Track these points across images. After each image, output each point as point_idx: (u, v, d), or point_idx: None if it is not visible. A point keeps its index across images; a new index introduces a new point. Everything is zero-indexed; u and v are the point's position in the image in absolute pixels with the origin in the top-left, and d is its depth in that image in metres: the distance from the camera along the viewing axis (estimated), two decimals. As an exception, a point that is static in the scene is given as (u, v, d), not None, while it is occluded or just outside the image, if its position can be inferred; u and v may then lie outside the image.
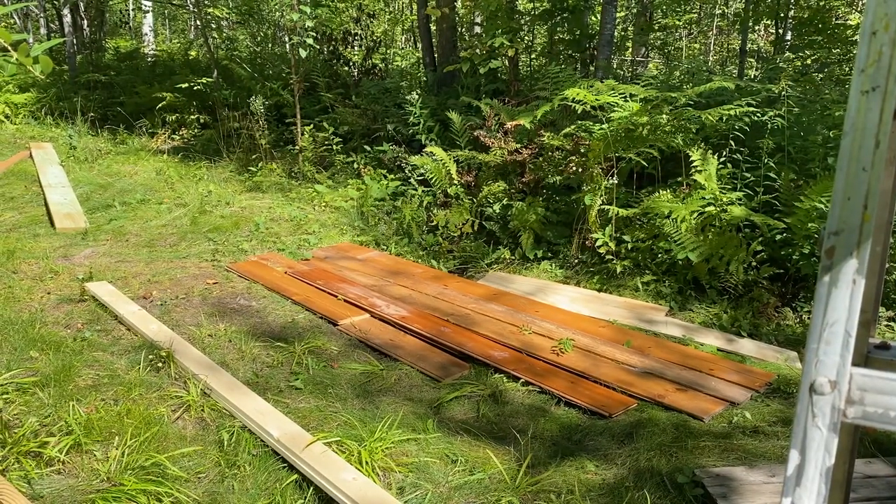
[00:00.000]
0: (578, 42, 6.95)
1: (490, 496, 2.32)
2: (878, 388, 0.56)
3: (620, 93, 4.77)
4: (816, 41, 7.29)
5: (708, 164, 4.33)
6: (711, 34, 11.79)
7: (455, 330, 3.63)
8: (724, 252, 4.01)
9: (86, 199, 6.23)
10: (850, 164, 0.54)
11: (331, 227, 5.61)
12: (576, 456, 2.57)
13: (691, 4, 10.11)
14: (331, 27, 8.02)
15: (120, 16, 17.37)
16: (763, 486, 2.29)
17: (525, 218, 4.86)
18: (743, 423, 2.81)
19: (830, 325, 0.57)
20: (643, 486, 2.36)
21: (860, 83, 0.54)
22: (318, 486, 2.28)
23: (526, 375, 3.15)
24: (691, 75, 6.28)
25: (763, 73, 6.83)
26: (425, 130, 6.27)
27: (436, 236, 5.27)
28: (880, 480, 2.34)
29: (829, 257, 0.56)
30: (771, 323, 3.82)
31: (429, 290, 4.22)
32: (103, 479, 2.33)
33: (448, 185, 5.48)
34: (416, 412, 2.88)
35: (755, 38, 10.70)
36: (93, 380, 3.01)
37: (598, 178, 4.59)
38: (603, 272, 4.45)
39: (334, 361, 3.32)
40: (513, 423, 2.80)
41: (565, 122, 5.13)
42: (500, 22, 6.80)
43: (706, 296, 4.08)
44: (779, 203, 4.21)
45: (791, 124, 4.57)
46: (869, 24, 0.52)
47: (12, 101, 10.18)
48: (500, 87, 6.84)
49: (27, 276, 4.28)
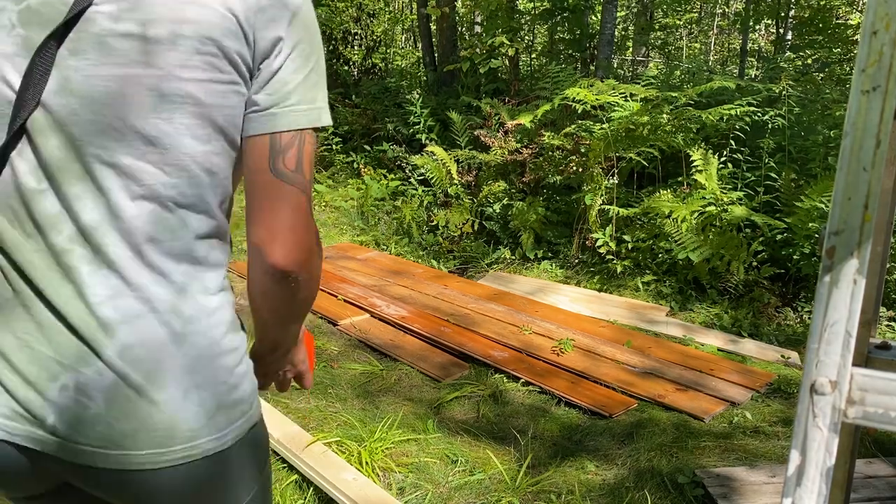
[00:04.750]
0: (579, 41, 6.95)
1: (490, 496, 2.32)
2: (879, 389, 0.56)
3: (621, 92, 4.77)
4: (817, 41, 7.29)
5: (708, 163, 4.33)
6: (712, 34, 11.79)
7: (455, 330, 3.63)
8: (725, 252, 4.01)
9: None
10: (851, 164, 0.54)
11: (331, 227, 5.61)
12: (576, 456, 2.57)
13: (692, 4, 10.11)
14: (330, 26, 8.02)
15: (120, 16, 17.37)
16: (764, 487, 2.29)
17: (525, 218, 4.86)
18: (743, 423, 2.81)
19: (831, 325, 0.56)
20: (643, 487, 2.36)
21: (861, 83, 0.53)
22: (318, 487, 2.28)
23: (526, 375, 3.15)
24: (692, 75, 6.28)
25: (764, 72, 6.83)
26: (425, 130, 6.27)
27: (436, 236, 5.27)
28: (881, 480, 2.33)
29: (829, 257, 0.56)
30: (771, 323, 3.82)
31: (429, 290, 4.22)
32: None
33: (448, 184, 5.48)
34: (417, 412, 2.88)
35: (756, 37, 10.71)
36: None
37: (599, 177, 4.59)
38: (603, 272, 4.45)
39: (334, 361, 3.32)
40: (513, 424, 2.80)
41: (566, 122, 5.13)
42: (500, 21, 6.81)
43: (707, 296, 4.08)
44: (779, 203, 4.21)
45: (792, 124, 4.57)
46: (869, 23, 0.52)
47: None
48: (500, 86, 6.84)
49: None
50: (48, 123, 0.84)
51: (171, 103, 0.84)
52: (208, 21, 0.84)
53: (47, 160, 0.85)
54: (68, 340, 0.85)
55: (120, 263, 0.85)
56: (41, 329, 0.86)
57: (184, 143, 0.85)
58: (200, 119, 0.85)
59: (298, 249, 0.90)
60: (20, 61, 0.84)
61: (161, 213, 0.86)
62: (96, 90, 0.83)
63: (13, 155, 0.86)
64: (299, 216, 0.90)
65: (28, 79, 0.84)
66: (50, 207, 0.85)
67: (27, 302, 0.87)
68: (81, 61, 0.83)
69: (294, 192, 0.89)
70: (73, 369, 0.85)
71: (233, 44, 0.85)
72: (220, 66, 0.85)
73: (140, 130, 0.84)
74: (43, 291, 0.86)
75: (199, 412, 0.88)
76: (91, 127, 0.84)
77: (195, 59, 0.83)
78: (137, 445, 0.86)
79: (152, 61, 0.83)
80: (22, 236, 0.86)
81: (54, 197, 0.85)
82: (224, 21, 0.84)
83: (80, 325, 0.85)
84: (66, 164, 0.85)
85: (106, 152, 0.84)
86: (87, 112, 0.83)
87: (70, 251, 0.85)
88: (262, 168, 0.89)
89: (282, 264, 0.89)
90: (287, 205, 0.89)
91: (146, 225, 0.86)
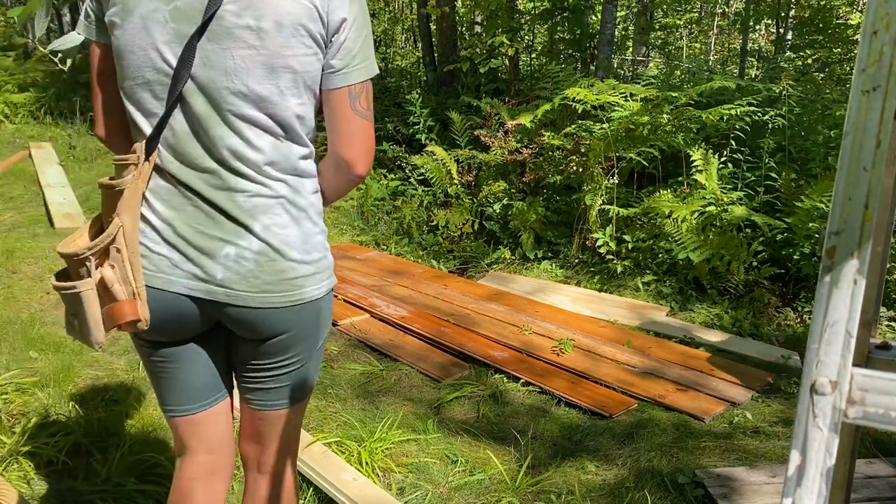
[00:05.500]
0: (579, 41, 6.95)
1: (490, 496, 2.32)
2: (879, 389, 0.56)
3: (621, 92, 4.77)
4: (817, 41, 7.28)
5: (709, 163, 4.33)
6: (712, 34, 11.79)
7: (455, 330, 3.63)
8: (725, 252, 4.01)
9: (85, 199, 6.23)
10: (851, 164, 0.54)
11: (330, 227, 5.61)
12: (576, 456, 2.56)
13: (692, 4, 10.11)
14: (331, 27, 7.99)
15: (120, 16, 17.36)
16: (764, 487, 2.29)
17: (525, 218, 4.86)
18: (744, 423, 2.81)
19: (831, 325, 0.56)
20: (644, 487, 2.36)
21: (861, 83, 0.53)
22: (318, 487, 2.28)
23: (526, 375, 3.15)
24: (692, 75, 6.27)
25: (764, 72, 6.83)
26: (425, 130, 6.26)
27: (436, 236, 5.27)
28: (881, 481, 2.33)
29: (829, 257, 0.56)
30: (772, 323, 3.82)
31: (429, 290, 4.22)
32: (103, 480, 2.33)
33: (448, 184, 5.48)
34: (417, 412, 2.88)
35: (756, 37, 10.70)
36: (92, 380, 3.01)
37: (599, 177, 4.59)
38: (603, 272, 4.45)
39: (334, 361, 3.32)
40: (513, 424, 2.80)
41: (566, 122, 5.13)
42: (500, 21, 6.80)
43: (707, 296, 4.08)
44: (779, 203, 4.21)
45: (792, 124, 4.57)
46: (870, 23, 0.52)
47: (11, 101, 10.18)
48: (500, 86, 6.84)
49: (27, 276, 4.28)
50: (195, 89, 1.26)
51: (277, 73, 1.26)
52: (298, 12, 1.24)
53: (196, 113, 1.27)
54: (228, 224, 1.31)
55: (253, 176, 1.30)
56: (209, 218, 1.31)
57: (286, 100, 1.29)
58: (295, 82, 1.28)
59: (370, 163, 1.40)
60: (175, 47, 1.24)
61: (276, 143, 1.31)
62: (227, 65, 1.25)
63: (175, 112, 1.28)
64: (371, 141, 1.40)
65: (182, 60, 1.24)
66: (200, 145, 1.29)
67: (196, 204, 1.31)
68: (216, 45, 1.24)
69: (368, 125, 1.38)
70: (233, 242, 1.31)
71: (314, 26, 1.26)
72: (307, 42, 1.26)
73: (258, 92, 1.26)
74: (205, 196, 1.30)
75: (310, 270, 1.36)
76: (224, 91, 1.26)
77: (291, 41, 1.25)
78: (274, 290, 1.33)
79: (263, 44, 1.24)
80: (184, 165, 1.30)
81: (203, 137, 1.28)
82: (308, 10, 1.25)
83: (235, 214, 1.30)
84: (209, 115, 1.27)
85: (235, 107, 1.27)
86: (222, 80, 1.25)
87: (218, 171, 1.30)
88: (345, 110, 1.34)
89: (362, 174, 1.41)
90: (365, 135, 1.38)
91: (268, 152, 1.30)
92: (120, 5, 1.25)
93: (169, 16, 1.23)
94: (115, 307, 1.29)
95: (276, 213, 1.32)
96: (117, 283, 1.29)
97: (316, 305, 1.39)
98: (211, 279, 1.31)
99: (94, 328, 1.29)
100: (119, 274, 1.29)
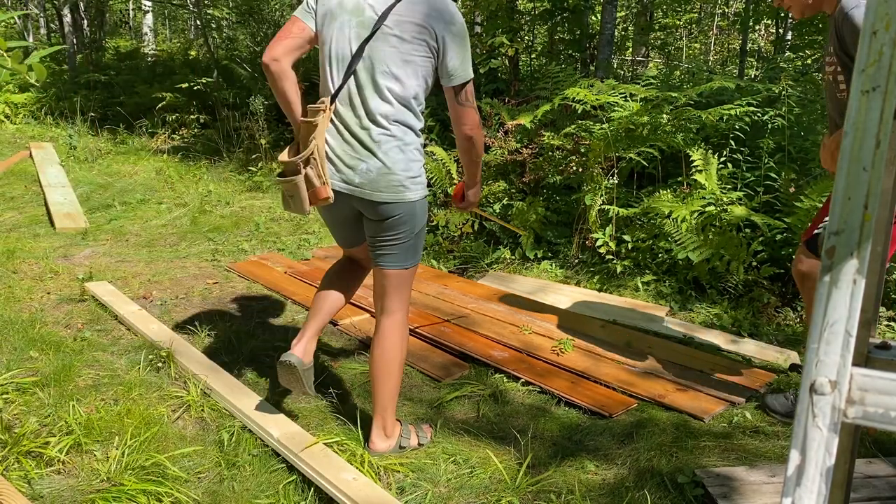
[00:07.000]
0: (579, 42, 6.95)
1: (490, 496, 2.32)
2: (879, 388, 0.56)
3: (621, 92, 4.77)
4: (817, 41, 7.29)
5: (708, 163, 4.33)
6: (712, 34, 11.79)
7: (455, 330, 3.63)
8: (725, 252, 4.01)
9: (86, 199, 6.24)
10: (851, 164, 0.54)
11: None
12: (576, 456, 2.57)
13: (692, 4, 10.11)
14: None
15: (120, 15, 17.37)
16: (764, 486, 2.29)
17: (525, 218, 4.86)
18: (743, 423, 2.81)
19: (831, 325, 0.57)
20: (643, 486, 2.36)
21: (860, 83, 0.53)
22: (319, 487, 2.28)
23: (526, 375, 3.15)
24: (691, 75, 6.27)
25: (763, 72, 6.83)
26: (425, 130, 6.26)
27: (436, 236, 5.27)
28: (881, 480, 2.33)
29: (829, 257, 0.56)
30: (771, 323, 3.82)
31: (429, 290, 4.22)
32: (103, 479, 2.33)
33: (448, 184, 5.47)
34: (417, 412, 2.88)
35: (755, 37, 10.70)
36: (93, 380, 3.01)
37: (599, 177, 4.59)
38: (603, 272, 4.45)
39: (334, 361, 3.32)
40: (513, 423, 2.80)
41: (565, 122, 5.13)
42: (500, 21, 6.81)
43: (706, 296, 4.08)
44: (779, 203, 4.21)
45: (791, 124, 4.57)
46: (869, 23, 0.52)
47: (12, 101, 10.18)
48: (500, 86, 6.84)
49: (27, 275, 4.28)
50: (363, 67, 2.23)
51: (408, 64, 2.22)
52: (422, 28, 2.19)
53: (361, 82, 2.24)
54: (363, 149, 2.26)
55: (382, 123, 2.25)
56: (351, 147, 2.27)
57: (410, 81, 2.24)
58: (416, 72, 2.23)
59: (474, 132, 2.38)
60: (355, 43, 2.22)
61: (400, 107, 2.26)
62: (381, 56, 2.21)
63: (349, 80, 2.25)
64: (473, 120, 2.35)
65: (359, 50, 2.21)
66: (360, 102, 2.25)
67: (346, 138, 2.27)
68: (378, 43, 2.21)
69: (470, 110, 2.33)
70: (365, 161, 2.25)
71: (430, 40, 2.20)
72: (424, 50, 2.21)
73: (395, 74, 2.22)
74: (354, 132, 2.26)
75: (409, 181, 2.29)
76: (376, 71, 2.22)
77: (417, 46, 2.20)
78: (388, 192, 2.27)
79: (402, 47, 2.20)
80: (348, 111, 2.27)
81: (361, 97, 2.25)
82: (430, 32, 2.20)
83: (369, 144, 2.25)
84: (367, 84, 2.23)
85: (382, 81, 2.22)
86: (378, 65, 2.22)
87: (364, 118, 2.25)
88: (453, 101, 2.31)
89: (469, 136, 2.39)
90: (468, 117, 2.34)
91: (395, 113, 2.25)
92: (329, 16, 2.24)
93: (355, 24, 2.22)
94: (315, 190, 2.26)
95: (391, 146, 2.24)
96: (315, 178, 2.23)
97: (412, 204, 2.31)
98: (352, 183, 2.27)
99: (304, 202, 2.26)
100: (315, 172, 2.23)
